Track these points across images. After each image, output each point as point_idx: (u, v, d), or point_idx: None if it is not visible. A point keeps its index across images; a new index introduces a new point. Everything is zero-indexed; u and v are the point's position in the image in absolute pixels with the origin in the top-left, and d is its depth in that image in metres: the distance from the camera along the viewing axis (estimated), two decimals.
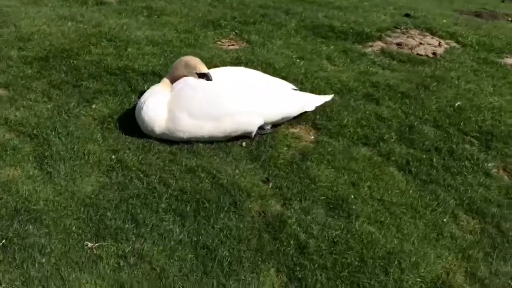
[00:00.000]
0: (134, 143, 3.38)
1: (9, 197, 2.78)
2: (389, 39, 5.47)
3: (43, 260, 2.44)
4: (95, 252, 2.52)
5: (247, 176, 3.15)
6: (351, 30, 5.51)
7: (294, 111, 3.64)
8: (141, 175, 3.08)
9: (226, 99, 3.35)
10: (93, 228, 2.66)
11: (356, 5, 6.65)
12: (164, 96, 3.40)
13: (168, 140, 3.40)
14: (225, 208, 2.89)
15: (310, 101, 3.76)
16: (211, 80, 3.44)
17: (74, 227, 2.65)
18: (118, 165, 3.16)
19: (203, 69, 3.45)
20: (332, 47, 5.13)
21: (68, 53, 4.37)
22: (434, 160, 3.44)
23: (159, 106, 3.35)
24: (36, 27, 4.79)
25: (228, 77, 3.52)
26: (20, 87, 3.87)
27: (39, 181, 2.95)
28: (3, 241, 2.51)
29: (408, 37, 5.54)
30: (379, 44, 5.35)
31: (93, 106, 3.73)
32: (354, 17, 5.95)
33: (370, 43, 5.36)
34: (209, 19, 5.50)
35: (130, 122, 3.54)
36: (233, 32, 5.27)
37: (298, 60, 4.64)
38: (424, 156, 3.48)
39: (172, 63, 3.79)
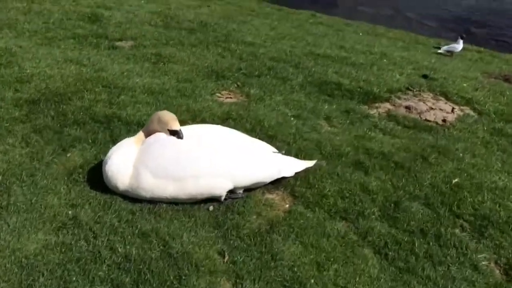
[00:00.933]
0: (96, 198, 3.24)
1: None
2: (398, 101, 5.20)
3: None
4: None
5: (203, 246, 2.92)
6: (359, 89, 5.30)
7: (269, 176, 3.41)
8: (90, 236, 2.91)
9: (192, 160, 3.17)
10: None
11: (373, 62, 6.44)
12: (131, 151, 3.27)
13: (133, 198, 3.25)
14: (168, 283, 2.65)
15: (289, 166, 3.52)
16: (181, 138, 3.28)
17: None
18: (71, 222, 3.01)
19: (175, 126, 3.31)
20: (335, 106, 4.91)
21: (60, 97, 4.38)
22: (416, 244, 3.08)
23: (124, 161, 3.21)
24: (38, 69, 4.88)
25: (201, 136, 3.35)
26: (3, 130, 3.86)
27: None
28: None
29: (419, 100, 5.25)
30: (386, 106, 5.09)
31: (68, 155, 3.65)
32: (365, 75, 5.74)
33: (376, 104, 5.10)
34: (213, 69, 5.44)
35: (99, 175, 3.41)
36: (235, 84, 5.17)
37: (292, 119, 4.45)
38: (405, 238, 3.13)
39: None
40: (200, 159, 3.19)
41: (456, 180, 3.67)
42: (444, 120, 4.82)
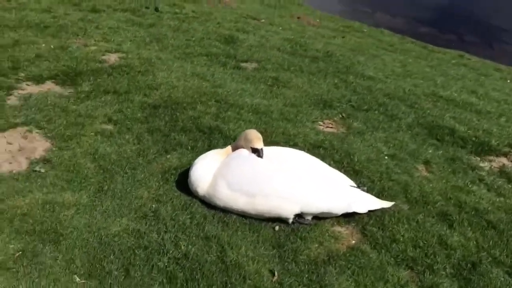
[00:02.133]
0: (179, 198, 3.59)
1: (50, 218, 3.23)
2: None
3: (37, 280, 2.76)
4: None
5: (256, 261, 3.05)
6: (474, 139, 4.91)
7: (338, 208, 3.40)
8: (162, 230, 3.24)
9: (265, 179, 3.34)
10: (91, 265, 2.90)
11: (503, 112, 5.87)
12: (215, 161, 3.56)
13: (209, 204, 3.52)
14: (213, 287, 2.83)
15: (363, 203, 3.47)
16: (261, 157, 3.48)
17: (77, 260, 2.93)
18: (152, 215, 3.40)
19: (257, 144, 3.52)
20: (441, 152, 4.64)
21: (177, 106, 4.93)
22: None
23: (206, 169, 3.52)
24: (168, 79, 5.53)
25: (279, 158, 3.50)
26: (124, 127, 4.50)
27: (81, 210, 3.36)
28: (19, 253, 2.93)
29: None
30: (501, 161, 4.63)
31: (168, 156, 4.10)
32: (488, 125, 5.29)
33: (491, 158, 4.68)
34: (323, 98, 5.54)
35: (187, 178, 3.77)
36: (340, 115, 5.20)
37: (386, 158, 4.33)
38: None
39: (260, 133, 3.73)
40: (273, 179, 3.34)
41: None
42: None
